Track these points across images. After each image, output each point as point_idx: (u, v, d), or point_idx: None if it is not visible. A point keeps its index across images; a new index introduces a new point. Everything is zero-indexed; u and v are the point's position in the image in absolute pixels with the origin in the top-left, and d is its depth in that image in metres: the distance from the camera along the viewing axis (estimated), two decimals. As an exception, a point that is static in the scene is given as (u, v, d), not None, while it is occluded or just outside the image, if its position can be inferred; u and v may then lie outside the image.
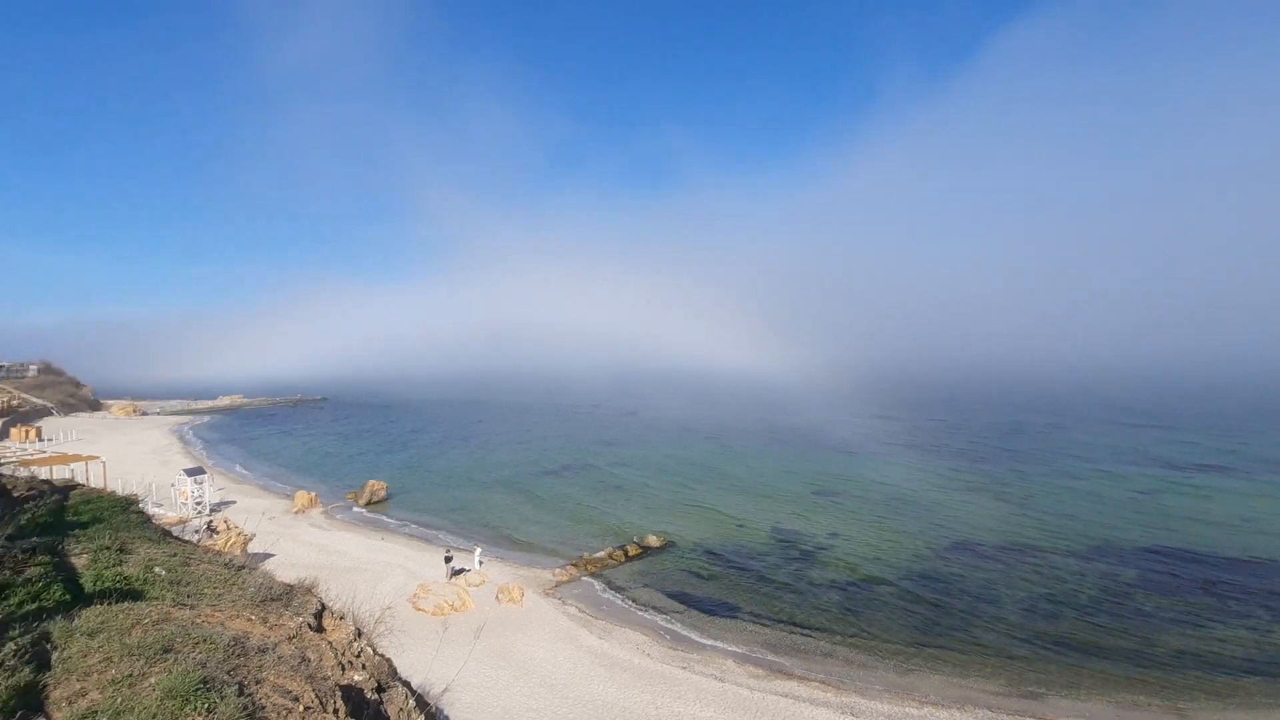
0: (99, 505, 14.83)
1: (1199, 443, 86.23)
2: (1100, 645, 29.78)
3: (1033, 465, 72.55)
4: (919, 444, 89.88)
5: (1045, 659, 28.62)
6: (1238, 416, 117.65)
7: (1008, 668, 27.92)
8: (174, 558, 10.84)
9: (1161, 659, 28.38)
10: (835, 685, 26.20)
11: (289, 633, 7.89)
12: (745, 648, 29.93)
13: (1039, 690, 25.97)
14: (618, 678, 26.02)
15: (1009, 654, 29.17)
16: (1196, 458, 75.19)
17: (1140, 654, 28.85)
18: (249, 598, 9.17)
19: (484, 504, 57.37)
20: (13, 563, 8.88)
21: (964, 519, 50.81)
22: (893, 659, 28.83)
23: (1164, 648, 29.39)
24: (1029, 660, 28.55)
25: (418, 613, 31.30)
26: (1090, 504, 54.84)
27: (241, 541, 35.89)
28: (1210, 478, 64.35)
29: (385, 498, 58.24)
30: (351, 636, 8.92)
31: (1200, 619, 32.32)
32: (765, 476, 68.94)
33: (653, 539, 44.89)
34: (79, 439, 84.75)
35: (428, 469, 75.07)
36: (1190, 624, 31.77)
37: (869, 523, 50.30)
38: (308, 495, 54.88)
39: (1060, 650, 29.38)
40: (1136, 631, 31.03)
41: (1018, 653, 29.26)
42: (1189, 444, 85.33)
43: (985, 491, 60.28)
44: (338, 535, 46.04)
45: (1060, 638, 30.55)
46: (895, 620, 32.83)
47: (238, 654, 6.71)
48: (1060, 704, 24.95)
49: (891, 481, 64.92)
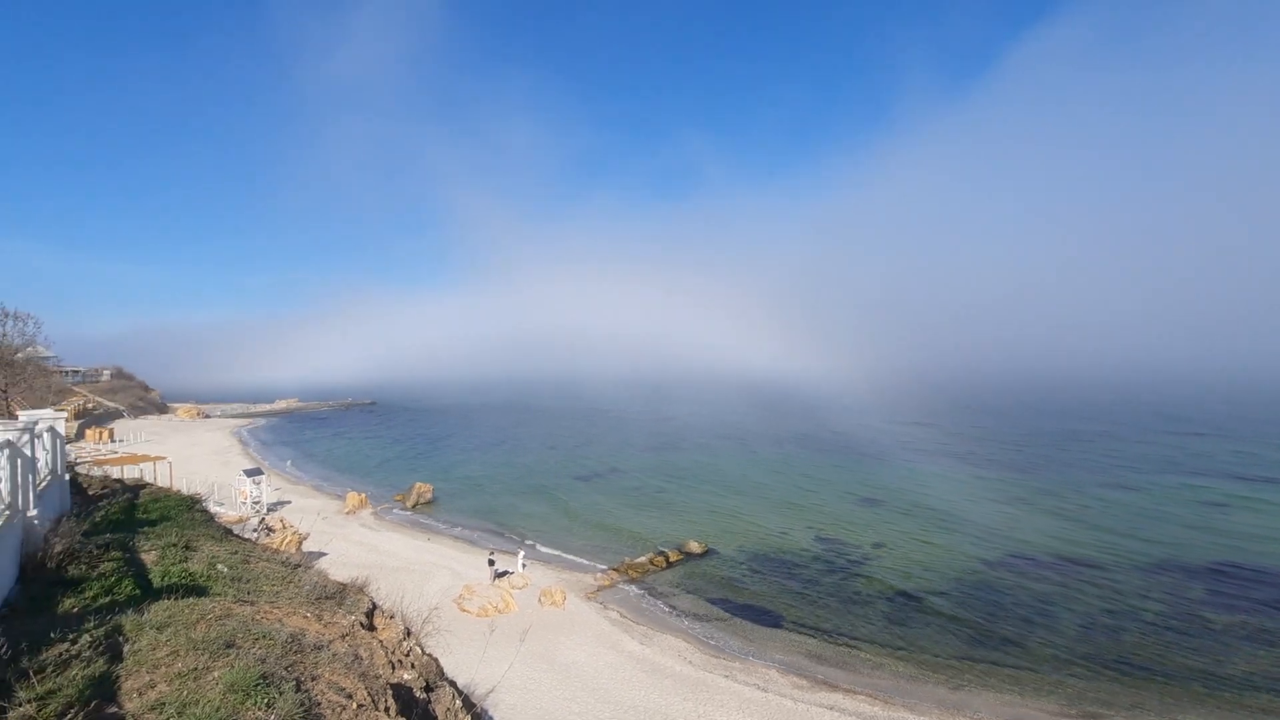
0: (166, 504, 15.55)
1: (1262, 454, 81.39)
2: (1167, 665, 28.32)
3: (1086, 475, 69.56)
4: (963, 452, 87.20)
5: (1106, 678, 27.36)
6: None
7: (1065, 686, 26.79)
8: (235, 555, 11.29)
9: (1234, 681, 26.83)
10: (883, 699, 25.57)
11: (342, 631, 8.12)
12: (789, 657, 29.48)
13: (1100, 711, 24.84)
14: (659, 684, 25.94)
15: (1067, 672, 27.98)
16: (1264, 470, 70.93)
17: (1211, 675, 27.32)
18: (304, 595, 9.48)
19: (525, 507, 58.03)
20: (88, 558, 9.39)
21: (1015, 531, 49.03)
22: (943, 674, 27.97)
23: (1236, 669, 27.78)
24: (1088, 679, 27.33)
25: (463, 614, 31.81)
26: (1151, 517, 52.28)
27: (296, 540, 37.10)
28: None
29: (431, 500, 59.44)
30: (401, 636, 9.13)
31: (1275, 639, 30.47)
32: (806, 484, 67.88)
33: (694, 545, 44.66)
34: (147, 440, 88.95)
35: (471, 472, 76.33)
36: (1264, 644, 29.99)
37: (915, 533, 48.99)
38: (358, 496, 56.43)
39: (1122, 669, 28.05)
40: (1206, 651, 29.42)
41: (1076, 671, 28.05)
42: (1252, 454, 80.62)
43: (1037, 502, 58.06)
44: (386, 536, 47.17)
45: (1122, 656, 29.18)
46: (945, 634, 31.87)
47: (295, 650, 6.93)
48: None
49: (937, 491, 63.12)
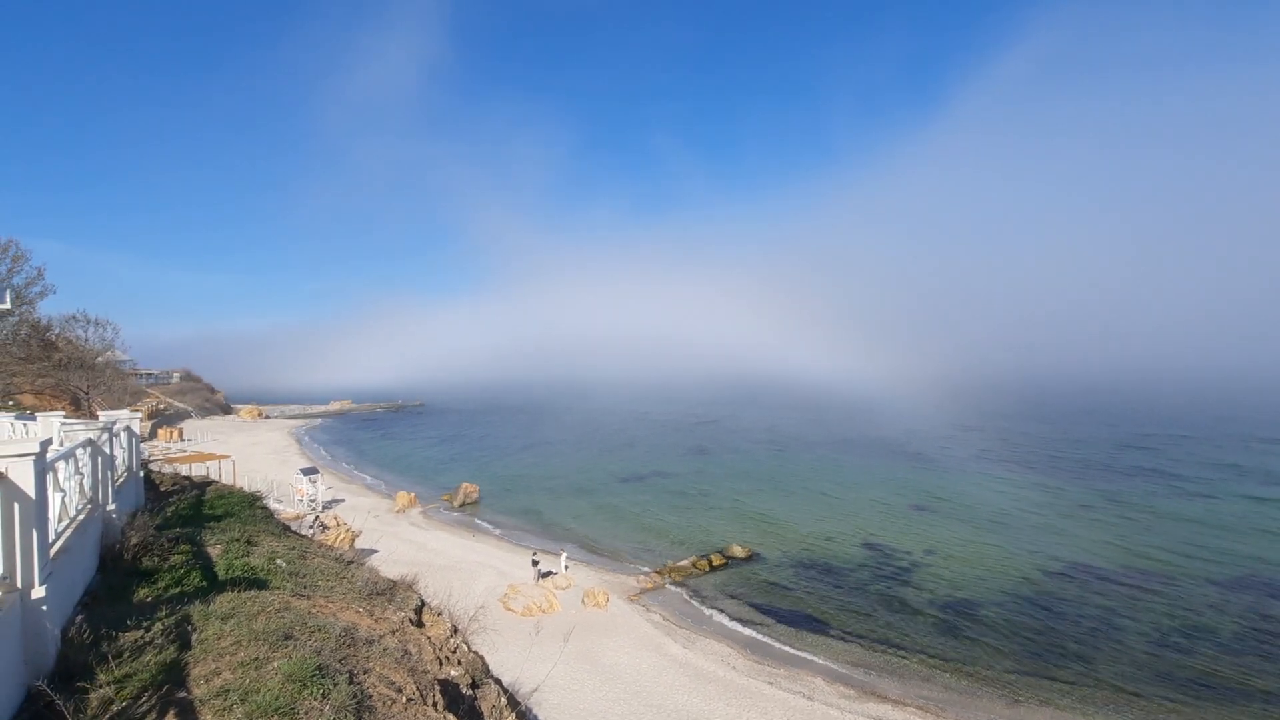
0: (230, 500, 16.30)
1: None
2: (1246, 686, 26.71)
3: (1150, 482, 66.11)
4: (1018, 457, 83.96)
5: (1178, 699, 25.94)
6: None
7: (1133, 705, 25.53)
8: (293, 550, 11.76)
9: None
10: (935, 711, 24.87)
11: (393, 626, 8.37)
12: (835, 665, 28.94)
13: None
14: (702, 688, 25.81)
15: (1134, 690, 26.64)
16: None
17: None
18: (357, 591, 9.81)
19: (569, 508, 58.54)
20: (160, 550, 9.92)
21: (1076, 539, 46.97)
22: (999, 688, 27.01)
23: (1324, 695, 26.00)
24: (1158, 699, 25.96)
25: (507, 613, 32.29)
26: (1224, 527, 49.34)
27: (350, 537, 38.30)
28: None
29: (477, 500, 60.55)
30: (448, 633, 9.36)
31: (1370, 665, 28.38)
32: (854, 488, 66.50)
33: (737, 549, 44.29)
34: (213, 439, 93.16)
35: (515, 472, 77.43)
36: (1357, 670, 27.94)
37: (969, 540, 47.44)
38: (408, 496, 57.91)
39: (1197, 689, 26.56)
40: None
41: (1145, 690, 26.68)
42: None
43: (1098, 509, 55.46)
44: (435, 534, 48.26)
45: (1197, 676, 27.63)
46: (1001, 646, 30.75)
47: (348, 644, 7.19)
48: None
49: (992, 497, 60.98)
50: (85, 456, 8.98)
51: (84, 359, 50.47)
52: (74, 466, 8.33)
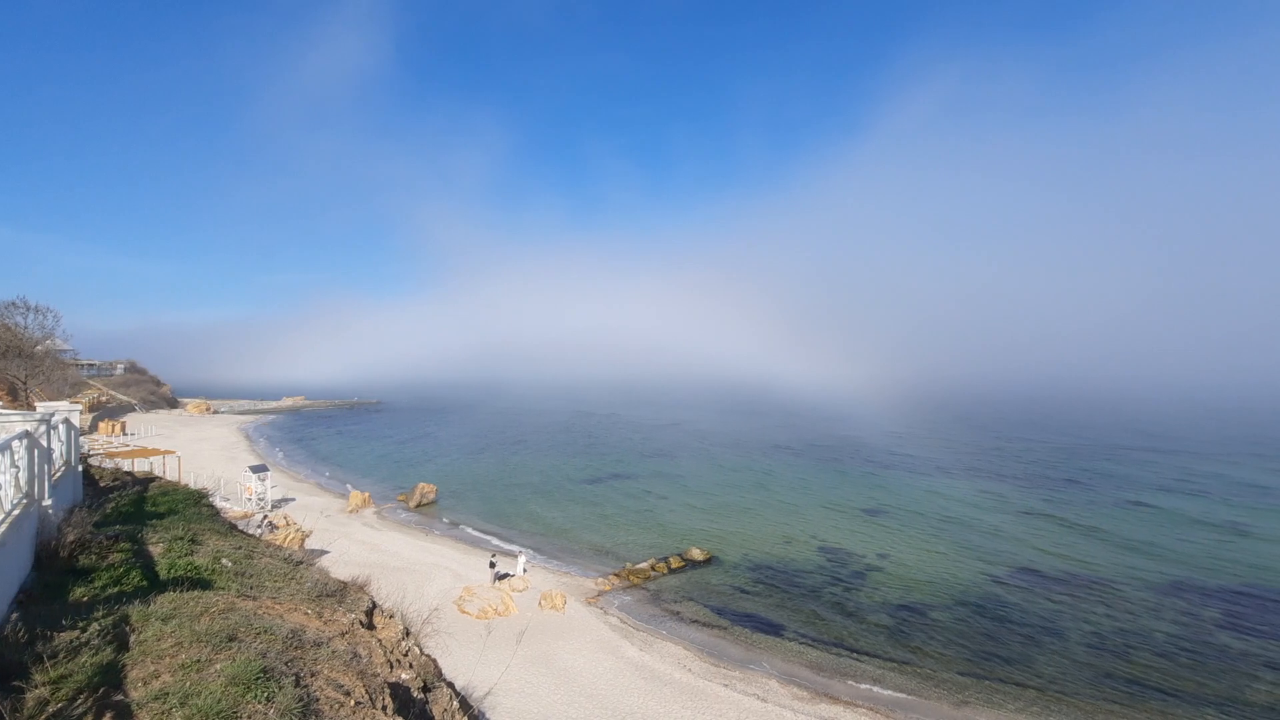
0: (174, 497, 15.73)
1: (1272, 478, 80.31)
2: (1181, 688, 27.91)
3: (1095, 490, 68.82)
4: (971, 464, 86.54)
5: (1116, 700, 27.00)
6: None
7: (1073, 706, 26.48)
8: (239, 550, 11.40)
9: (1253, 708, 26.34)
10: (884, 712, 25.40)
11: (342, 628, 8.20)
12: (789, 667, 29.33)
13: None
14: (658, 691, 25.87)
15: (1075, 691, 27.65)
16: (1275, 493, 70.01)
17: (1229, 701, 26.86)
18: (306, 592, 9.57)
19: (527, 510, 58.11)
20: (99, 548, 9.52)
21: (1023, 545, 48.58)
22: (946, 689, 27.74)
23: (1256, 696, 27.28)
24: (1097, 700, 27.00)
25: (462, 615, 31.85)
26: (1164, 535, 51.63)
27: (300, 537, 37.27)
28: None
29: (434, 500, 59.62)
30: (400, 635, 9.20)
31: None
32: (812, 492, 67.58)
33: (696, 552, 44.56)
34: (158, 434, 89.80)
35: (473, 473, 76.48)
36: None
37: (922, 544, 48.66)
38: (361, 495, 56.68)
39: (1132, 691, 27.69)
40: (1223, 675, 28.96)
41: (1085, 691, 27.72)
42: (1266, 476, 79.55)
43: (1045, 516, 57.49)
44: (389, 535, 47.33)
45: (1133, 678, 28.81)
46: (949, 648, 31.60)
47: (295, 646, 7.01)
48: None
49: (942, 502, 62.68)
50: (21, 449, 8.58)
51: (22, 347, 48.15)
52: (9, 460, 7.97)
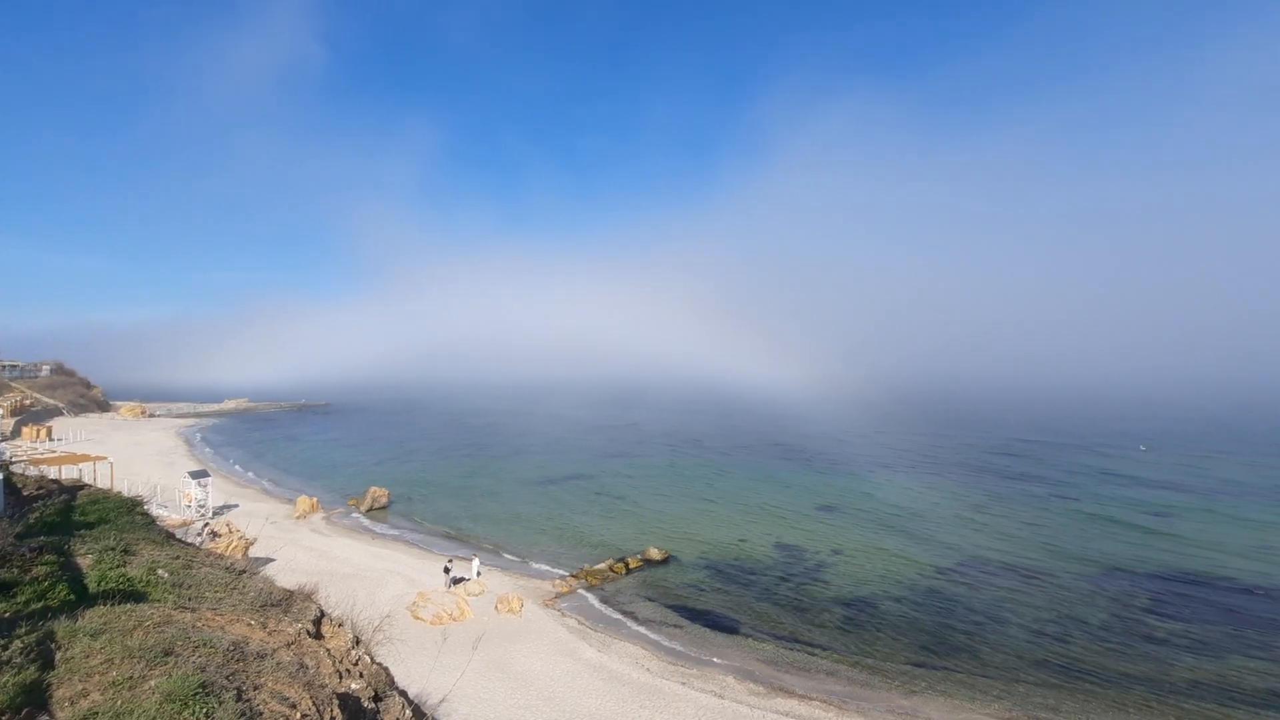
0: (105, 506, 14.91)
1: (1217, 466, 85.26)
2: (1113, 670, 29.29)
3: (1038, 484, 71.84)
4: (921, 461, 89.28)
5: (1054, 684, 28.16)
6: (1261, 438, 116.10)
7: (1015, 691, 27.50)
8: (176, 560, 10.87)
9: (1177, 687, 27.82)
10: (837, 705, 25.90)
11: (288, 639, 7.89)
12: (746, 664, 29.65)
13: (1047, 716, 25.54)
14: (616, 692, 25.82)
15: (1016, 677, 28.73)
16: (1215, 481, 74.23)
17: (1155, 681, 28.31)
18: (249, 603, 9.18)
19: (483, 513, 57.33)
20: (21, 561, 8.94)
21: (969, 538, 50.32)
22: (897, 679, 28.48)
23: (1180, 676, 28.83)
24: (1037, 684, 28.10)
25: (416, 621, 31.19)
26: (1099, 526, 54.22)
27: (243, 546, 35.88)
28: (1230, 502, 63.37)
29: (386, 504, 58.23)
30: (350, 644, 8.91)
31: (1218, 648, 31.68)
32: (767, 490, 68.60)
33: (654, 552, 44.68)
34: (88, 439, 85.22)
35: (427, 476, 75.07)
36: (1208, 652, 31.16)
37: (873, 539, 49.91)
38: (310, 500, 54.97)
39: (1070, 675, 28.93)
40: (1150, 658, 30.52)
41: (1025, 676, 28.83)
42: (1202, 468, 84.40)
43: (989, 510, 59.69)
44: (339, 541, 46.03)
45: (1070, 662, 30.10)
46: (900, 639, 32.48)
47: (237, 659, 6.71)
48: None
49: (894, 499, 64.44)
50: (-72, 457, 7.98)
51: (-68, 348, 44.97)
52: (-87, 468, 7.40)
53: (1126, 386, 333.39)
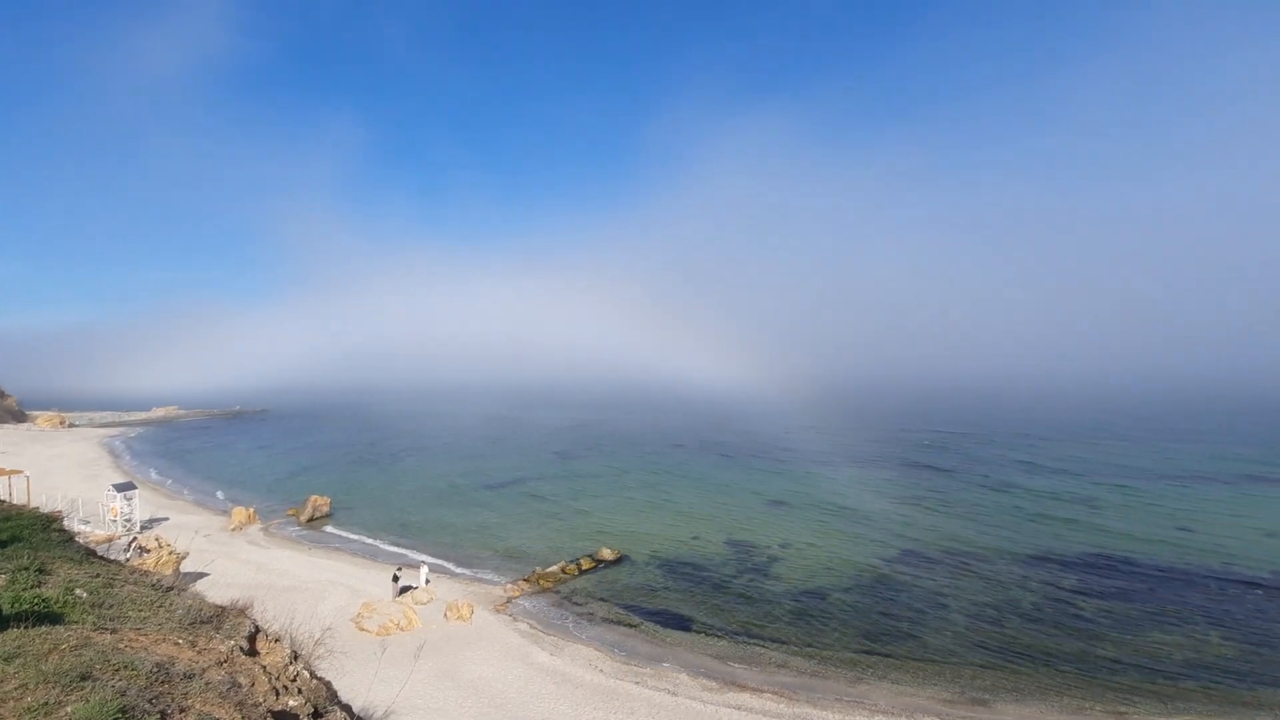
0: (18, 523, 13.93)
1: (1138, 455, 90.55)
2: (1044, 650, 30.73)
3: (975, 475, 74.92)
4: (864, 455, 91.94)
5: (991, 665, 29.39)
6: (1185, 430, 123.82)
7: (955, 674, 28.57)
8: (96, 579, 10.24)
9: (1103, 663, 29.42)
10: (788, 696, 26.39)
11: (219, 657, 7.52)
12: (699, 660, 29.89)
13: (985, 696, 26.64)
14: (569, 694, 25.66)
15: (956, 660, 29.86)
16: (1139, 469, 78.80)
17: (1082, 658, 29.86)
18: (177, 621, 8.71)
19: (431, 519, 56.12)
20: (-86, 587, 8.26)
21: (910, 529, 52.05)
22: (844, 668, 29.20)
23: (1105, 652, 30.47)
24: (975, 666, 29.27)
25: (361, 633, 30.30)
26: (1031, 514, 56.88)
27: (174, 561, 34.19)
28: (1151, 487, 67.29)
29: (328, 513, 56.38)
30: (287, 660, 8.55)
31: (1139, 625, 33.62)
32: (718, 488, 69.39)
33: (606, 552, 44.59)
34: (2, 451, 79.71)
35: (370, 483, 73.05)
36: (1130, 629, 33.03)
37: (820, 533, 51.07)
38: (246, 511, 52.76)
39: (1005, 656, 30.23)
40: (1078, 637, 32.15)
41: (965, 659, 29.98)
42: (1121, 458, 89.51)
43: (929, 502, 61.93)
44: (277, 553, 44.33)
45: (1005, 644, 31.45)
46: (847, 629, 33.31)
47: (161, 680, 6.35)
48: (1006, 709, 25.65)
49: (839, 493, 66.13)
50: None
51: None
52: None
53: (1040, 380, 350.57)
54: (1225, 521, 52.98)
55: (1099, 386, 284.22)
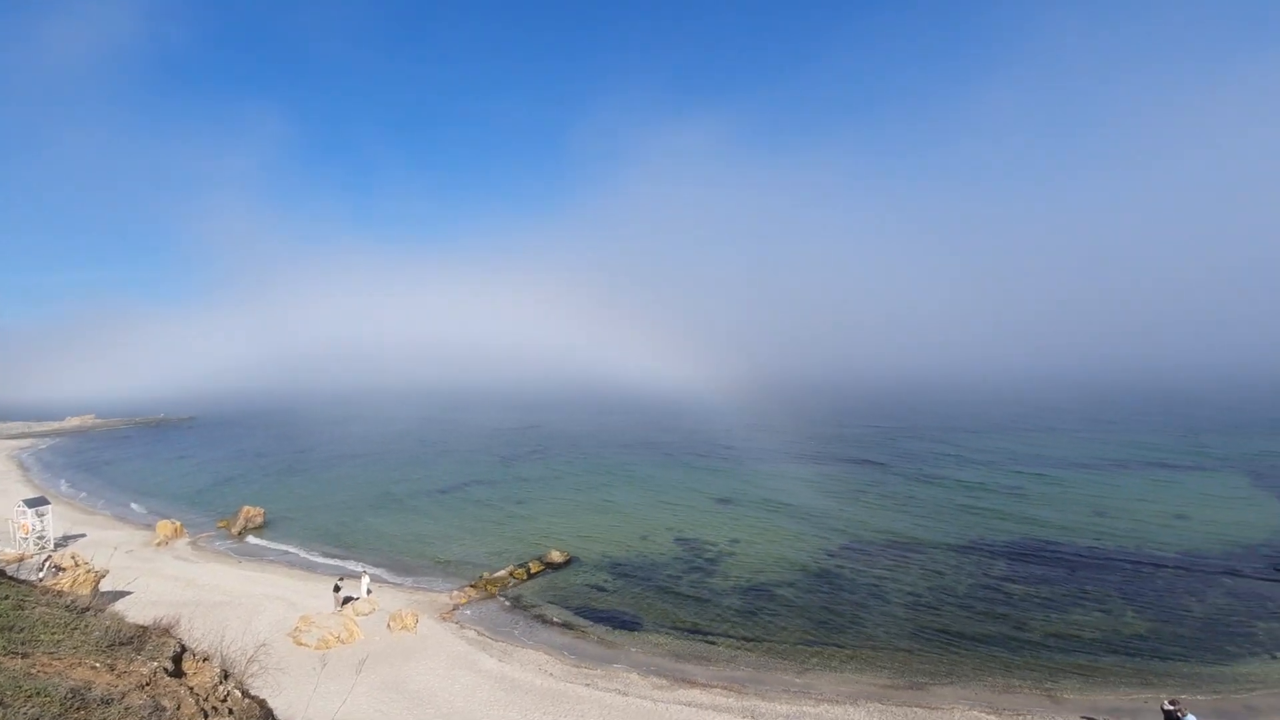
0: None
1: (1058, 445, 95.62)
2: (977, 634, 32.09)
3: (914, 468, 77.69)
4: (809, 451, 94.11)
5: (929, 649, 30.51)
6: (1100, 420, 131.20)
7: (896, 660, 29.54)
8: (5, 600, 9.50)
9: (1030, 643, 30.91)
10: (737, 690, 26.73)
11: (140, 680, 7.07)
12: (650, 658, 29.97)
13: (923, 680, 27.62)
14: (518, 700, 25.31)
15: (897, 646, 30.88)
16: (1059, 459, 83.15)
17: (1011, 639, 31.32)
18: (94, 643, 8.16)
19: (373, 527, 54.49)
20: None
21: (852, 521, 53.54)
22: (791, 660, 29.79)
23: (1032, 632, 32.03)
24: (914, 651, 30.33)
25: (299, 647, 29.14)
26: (963, 504, 59.29)
27: (92, 579, 32.05)
28: (1070, 475, 71.10)
29: (263, 524, 54.04)
30: (217, 679, 8.12)
31: (1062, 605, 35.45)
32: (666, 486, 69.78)
33: (555, 555, 44.23)
34: (-115, 470, 73.10)
35: (307, 491, 70.43)
36: (1054, 610, 34.79)
37: (767, 528, 51.98)
38: (171, 525, 50.03)
39: (942, 640, 31.45)
40: (1008, 619, 33.70)
41: (904, 645, 31.04)
42: (1042, 448, 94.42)
43: (870, 494, 63.85)
44: (207, 568, 42.21)
45: (942, 628, 32.71)
46: (793, 622, 34.00)
47: (77, 707, 5.92)
48: (943, 691, 26.65)
49: (785, 487, 67.48)
50: None
51: None
52: None
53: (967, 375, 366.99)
54: (1137, 506, 56.47)
55: (1022, 380, 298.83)
